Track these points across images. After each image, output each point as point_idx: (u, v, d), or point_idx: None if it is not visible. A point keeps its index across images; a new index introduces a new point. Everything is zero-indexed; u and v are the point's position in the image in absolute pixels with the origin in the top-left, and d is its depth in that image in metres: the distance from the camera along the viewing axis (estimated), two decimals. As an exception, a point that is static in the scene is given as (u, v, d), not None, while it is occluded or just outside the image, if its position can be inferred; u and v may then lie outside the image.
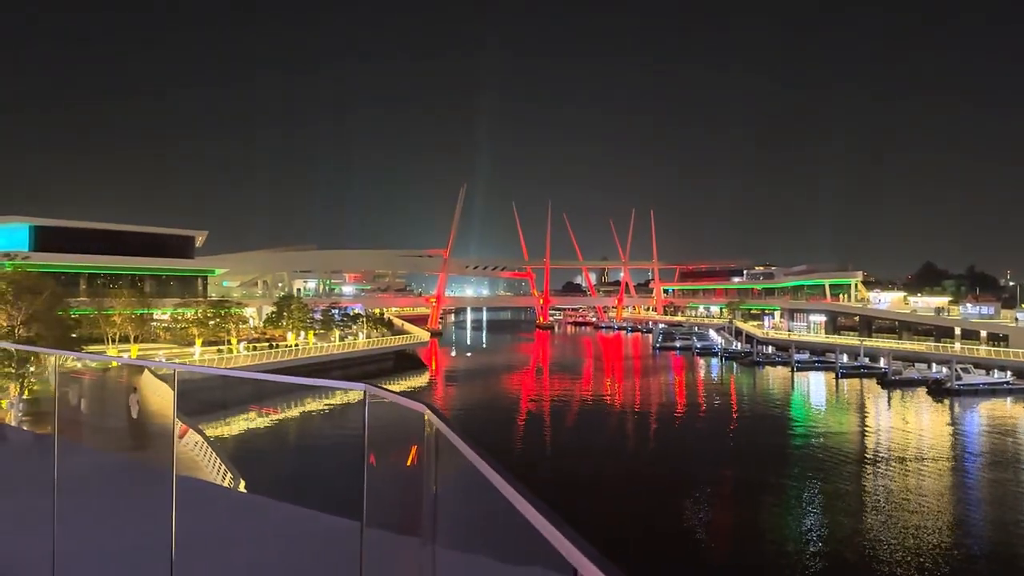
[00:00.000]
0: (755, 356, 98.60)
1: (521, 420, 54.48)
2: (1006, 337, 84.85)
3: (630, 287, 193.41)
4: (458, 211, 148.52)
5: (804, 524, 29.03)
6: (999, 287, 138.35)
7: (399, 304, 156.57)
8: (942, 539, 26.90)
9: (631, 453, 43.56)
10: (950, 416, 57.57)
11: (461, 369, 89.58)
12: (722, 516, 30.22)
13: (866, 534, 27.44)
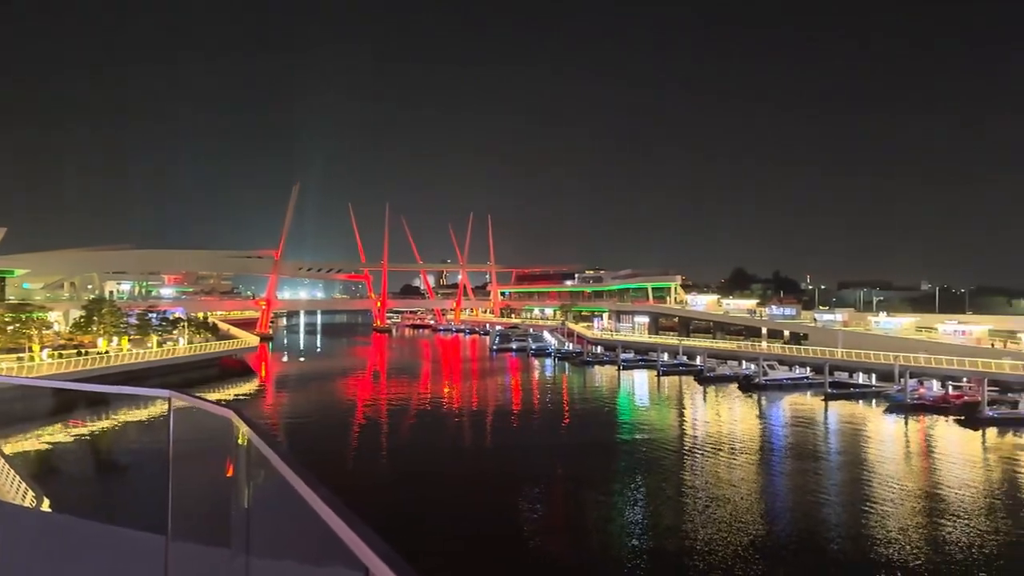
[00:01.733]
0: (585, 356, 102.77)
1: (357, 425, 53.45)
2: (806, 336, 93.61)
3: (468, 290, 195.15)
4: (290, 210, 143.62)
5: (629, 516, 30.46)
6: (800, 290, 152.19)
7: (225, 307, 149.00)
8: (752, 524, 29.12)
9: (468, 452, 43.92)
10: (758, 409, 62.58)
11: (294, 375, 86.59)
12: (553, 511, 31.10)
13: (686, 523, 29.22)
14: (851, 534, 28.09)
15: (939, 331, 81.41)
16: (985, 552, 26.11)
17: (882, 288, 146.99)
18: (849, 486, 35.86)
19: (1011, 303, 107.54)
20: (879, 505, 32.08)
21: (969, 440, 48.97)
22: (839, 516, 30.79)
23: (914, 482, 36.89)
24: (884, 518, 30.10)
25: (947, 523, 29.57)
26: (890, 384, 67.34)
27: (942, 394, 62.61)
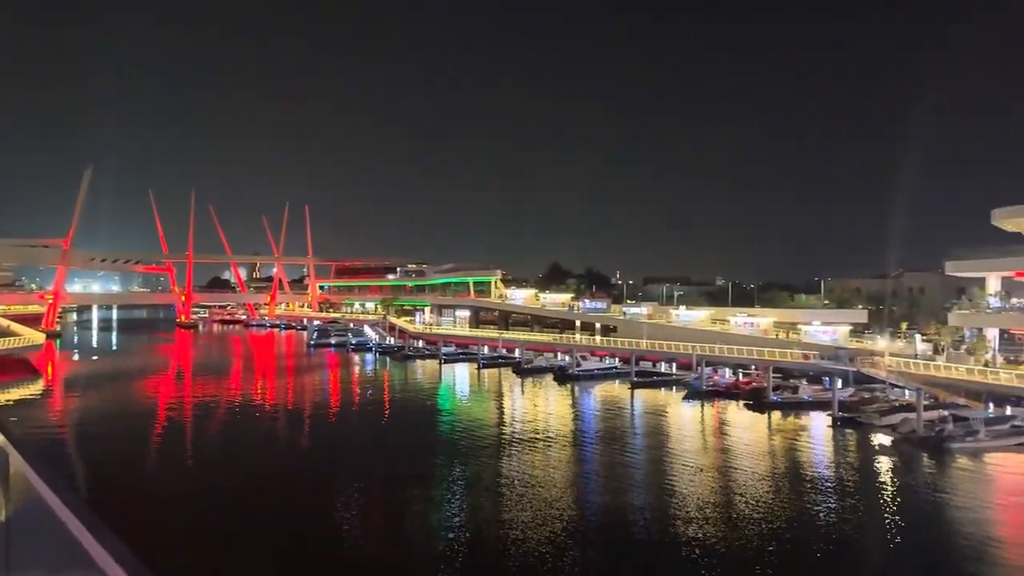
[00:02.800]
0: (407, 351, 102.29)
1: (159, 428, 49.75)
2: (615, 328, 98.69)
3: (284, 283, 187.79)
4: (81, 196, 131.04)
5: (448, 510, 30.57)
6: (611, 285, 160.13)
7: (5, 302, 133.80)
8: (566, 508, 30.21)
9: (282, 452, 42.21)
10: (572, 398, 65.16)
11: (85, 375, 79.13)
12: (371, 509, 30.58)
13: (504, 512, 29.78)
14: (655, 513, 29.90)
15: (731, 323, 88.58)
16: (770, 521, 28.73)
17: (683, 283, 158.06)
18: (653, 468, 38.20)
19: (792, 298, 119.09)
20: (679, 484, 34.41)
21: (756, 422, 53.73)
22: (644, 496, 32.68)
23: (709, 462, 39.92)
24: (684, 496, 32.32)
25: (738, 497, 32.25)
26: (689, 372, 72.50)
27: (733, 381, 68.35)
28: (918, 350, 69.80)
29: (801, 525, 28.79)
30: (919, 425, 45.22)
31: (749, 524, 28.45)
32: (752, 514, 29.79)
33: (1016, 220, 60.73)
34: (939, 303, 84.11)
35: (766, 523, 28.67)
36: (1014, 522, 31.44)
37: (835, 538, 27.64)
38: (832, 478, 37.33)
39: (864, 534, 28.33)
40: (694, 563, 24.25)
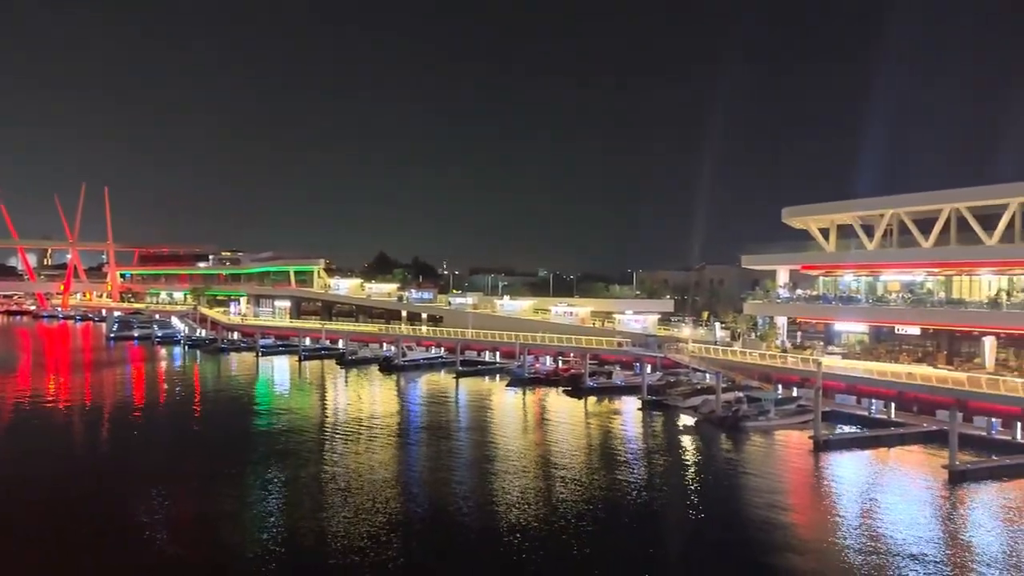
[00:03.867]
0: (221, 343, 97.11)
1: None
2: (442, 318, 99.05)
3: (79, 271, 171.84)
4: None
5: (262, 508, 29.29)
6: (437, 275, 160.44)
7: None
8: (391, 501, 29.88)
9: (78, 455, 38.59)
10: (397, 389, 64.67)
11: None
12: (176, 511, 28.67)
13: (325, 509, 28.96)
14: (479, 501, 30.29)
15: (552, 313, 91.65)
16: (587, 501, 29.98)
17: (507, 274, 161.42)
18: (477, 456, 38.71)
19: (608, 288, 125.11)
20: (502, 471, 35.10)
21: (574, 407, 55.95)
22: (469, 485, 33.03)
23: (530, 446, 41.06)
24: (506, 482, 33.00)
25: (557, 480, 33.38)
26: (512, 361, 74.23)
27: (553, 368, 70.78)
28: (718, 337, 75.56)
29: (615, 503, 30.28)
30: (718, 406, 49.01)
31: (567, 506, 29.53)
32: (570, 496, 30.95)
33: (802, 218, 67.21)
34: (736, 293, 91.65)
35: (583, 504, 29.89)
36: (794, 489, 34.92)
37: (645, 513, 29.34)
38: (642, 457, 39.62)
39: (671, 507, 30.26)
40: (516, 548, 24.81)
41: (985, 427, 41.18)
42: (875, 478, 36.77)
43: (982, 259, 53.65)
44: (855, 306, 63.25)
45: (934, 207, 56.16)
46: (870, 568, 23.42)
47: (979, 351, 53.28)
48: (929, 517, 29.92)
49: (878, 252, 61.19)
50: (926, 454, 39.85)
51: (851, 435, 43.77)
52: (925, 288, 59.84)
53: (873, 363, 57.52)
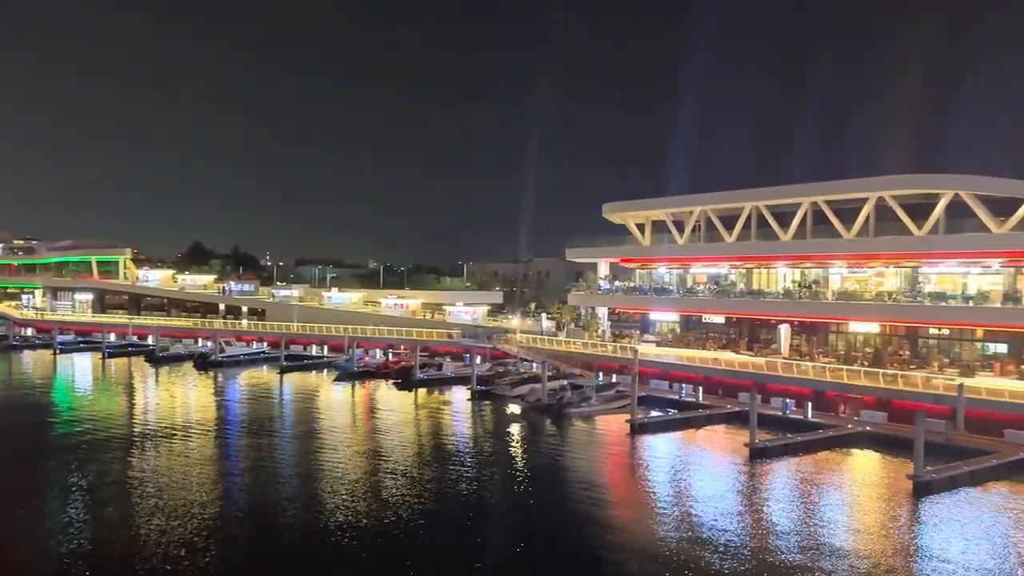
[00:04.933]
0: (12, 340, 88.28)
1: None
2: (264, 311, 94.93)
3: None
4: None
5: (63, 520, 26.70)
6: (260, 267, 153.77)
7: None
8: (208, 505, 28.21)
9: None
10: (214, 386, 61.30)
11: None
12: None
13: (134, 517, 26.86)
14: (305, 501, 29.29)
15: (383, 305, 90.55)
16: (418, 495, 29.85)
17: (335, 265, 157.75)
18: (303, 454, 37.48)
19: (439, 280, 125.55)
20: (330, 468, 34.20)
21: (404, 400, 55.62)
22: (294, 485, 31.90)
23: (359, 441, 40.35)
24: (334, 480, 32.17)
25: (388, 476, 33.00)
26: (341, 355, 72.61)
27: (383, 361, 69.98)
28: (544, 327, 77.99)
29: (446, 494, 30.38)
30: (544, 394, 50.56)
31: (398, 500, 29.25)
32: (401, 490, 30.69)
33: (621, 214, 70.71)
34: (561, 285, 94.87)
35: (414, 497, 29.74)
36: (613, 470, 36.77)
37: (476, 502, 29.67)
38: (472, 447, 40.12)
39: (500, 495, 30.82)
40: (345, 547, 24.23)
41: (781, 407, 45.25)
42: (685, 456, 39.46)
43: (778, 253, 58.88)
44: (668, 297, 67.49)
45: (737, 205, 60.92)
46: (682, 538, 25.05)
47: (776, 338, 58.55)
48: (732, 490, 32.53)
49: (688, 247, 65.52)
50: (729, 433, 43.23)
51: (664, 418, 46.64)
52: (729, 280, 64.88)
53: (683, 350, 61.73)
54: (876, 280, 56.21)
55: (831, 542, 25.32)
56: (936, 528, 27.42)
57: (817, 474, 34.80)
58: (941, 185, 48.70)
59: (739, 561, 23.13)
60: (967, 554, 24.26)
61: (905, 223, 50.17)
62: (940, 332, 51.92)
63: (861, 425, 42.02)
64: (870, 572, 22.59)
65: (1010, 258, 47.25)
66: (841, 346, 56.24)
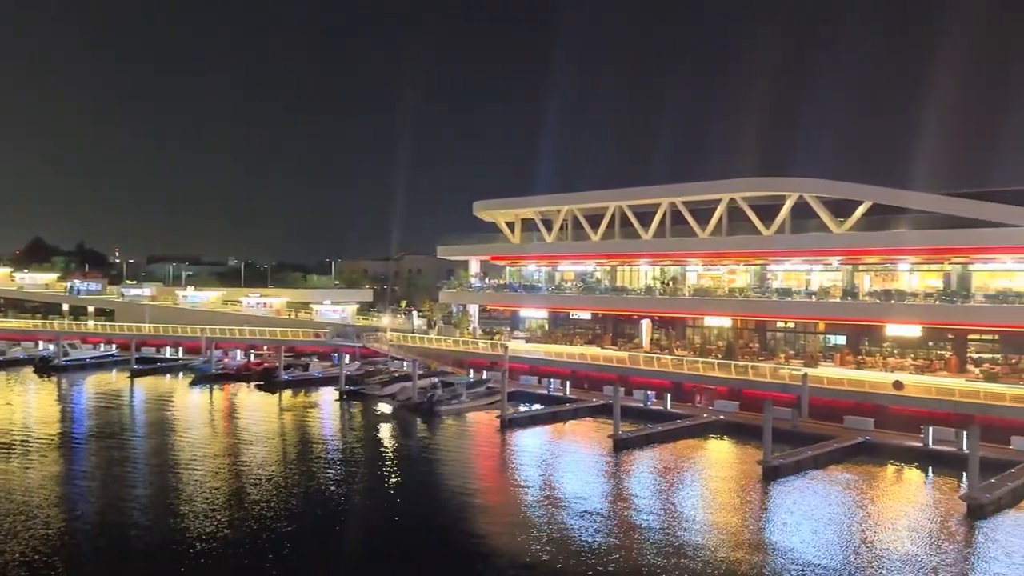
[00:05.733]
0: None
1: None
2: (113, 312, 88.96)
3: None
4: None
5: None
6: (108, 264, 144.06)
7: None
8: (50, 520, 26.09)
9: None
10: (57, 393, 56.96)
11: None
12: None
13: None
14: (159, 512, 27.59)
15: (244, 304, 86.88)
16: (283, 500, 28.82)
17: (192, 263, 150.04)
18: (156, 462, 35.35)
19: (306, 278, 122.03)
20: (187, 476, 32.45)
21: (268, 402, 53.69)
22: (148, 494, 30.02)
23: (219, 447, 38.59)
24: (192, 488, 30.56)
25: (250, 481, 31.65)
26: (198, 356, 69.15)
27: (245, 363, 67.23)
28: (415, 325, 77.44)
29: (314, 498, 29.55)
30: (415, 392, 50.19)
31: (263, 507, 28.12)
32: (266, 496, 29.54)
33: (492, 212, 71.19)
34: (433, 283, 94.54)
35: (281, 502, 28.71)
36: (484, 465, 37.06)
37: (345, 504, 29.02)
38: (341, 448, 39.27)
39: (369, 495, 30.26)
40: (205, 560, 23.04)
41: (643, 399, 47.05)
42: (553, 449, 40.32)
43: (640, 252, 61.15)
44: (537, 294, 68.68)
45: (602, 205, 62.77)
46: (552, 525, 25.54)
47: (638, 333, 60.82)
48: (597, 479, 33.62)
49: (556, 245, 66.89)
50: (595, 425, 44.53)
51: (533, 412, 47.43)
52: (595, 277, 66.80)
53: (552, 346, 63.00)
54: (729, 277, 59.56)
55: (689, 524, 26.58)
56: (783, 509, 29.34)
57: (675, 462, 36.44)
58: (787, 188, 52.11)
59: (605, 546, 23.83)
60: (811, 531, 26.12)
61: (755, 223, 53.37)
62: (786, 326, 55.64)
63: (715, 414, 44.38)
64: (723, 549, 23.87)
65: (848, 256, 51.23)
66: (697, 340, 59.15)
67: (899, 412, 39.65)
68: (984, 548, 24.72)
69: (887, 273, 51.49)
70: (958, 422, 35.93)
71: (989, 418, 35.64)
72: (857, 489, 31.87)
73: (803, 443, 36.71)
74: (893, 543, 24.99)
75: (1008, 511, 27.97)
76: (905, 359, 48.22)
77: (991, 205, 43.43)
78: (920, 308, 46.94)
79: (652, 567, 22.27)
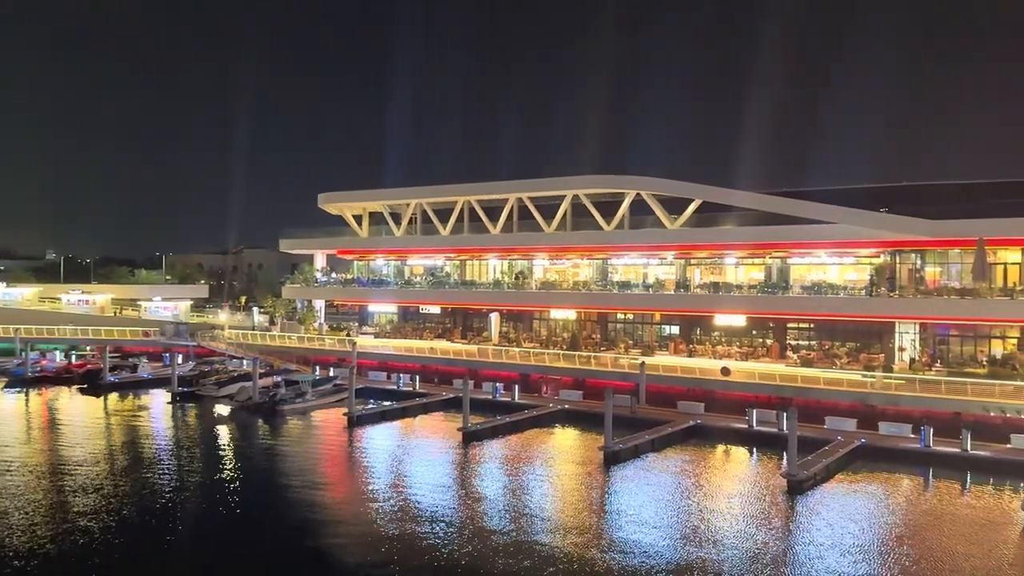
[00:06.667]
0: None
1: None
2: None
3: None
4: None
5: None
6: None
7: None
8: None
9: None
10: None
11: None
12: None
13: None
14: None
15: (64, 301, 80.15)
16: (111, 506, 26.77)
17: (5, 257, 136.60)
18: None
19: (133, 273, 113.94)
20: (2, 489, 29.48)
21: (92, 406, 49.78)
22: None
23: (36, 457, 35.29)
24: (7, 503, 27.73)
25: (74, 490, 29.13)
26: (10, 359, 63.05)
27: (65, 364, 61.97)
28: (256, 322, 74.37)
29: (145, 507, 27.60)
30: (255, 392, 48.15)
31: (88, 519, 25.90)
32: (91, 507, 27.25)
33: (337, 204, 69.48)
34: (275, 278, 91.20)
35: (107, 513, 26.58)
36: (331, 464, 36.20)
37: (181, 512, 27.32)
38: (174, 454, 37.00)
39: (210, 501, 28.67)
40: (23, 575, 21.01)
41: (492, 391, 47.65)
42: (403, 444, 40.05)
43: (488, 246, 61.83)
44: (386, 288, 67.85)
45: (451, 199, 62.92)
46: (401, 521, 25.33)
47: (487, 326, 61.54)
48: (447, 472, 33.71)
49: (405, 238, 66.39)
50: (445, 419, 44.62)
51: (382, 408, 46.78)
52: (444, 271, 66.87)
53: (401, 341, 62.55)
54: (573, 271, 61.53)
55: (536, 511, 27.25)
56: (623, 490, 30.75)
57: (523, 451, 37.22)
58: (625, 186, 54.46)
59: (455, 538, 23.93)
60: (648, 510, 27.50)
61: (597, 219, 55.40)
62: (626, 317, 58.20)
63: (561, 404, 45.73)
64: (567, 531, 24.65)
65: (681, 251, 54.25)
66: (544, 332, 60.68)
67: (726, 396, 42.56)
68: (802, 520, 26.98)
69: (715, 267, 55.04)
70: (779, 404, 39.08)
71: (806, 400, 39.03)
72: (690, 470, 33.88)
73: (641, 428, 38.57)
74: (724, 519, 26.76)
75: (823, 485, 30.66)
76: (732, 347, 51.77)
77: (807, 203, 47.44)
78: (745, 299, 50.60)
79: (501, 556, 22.61)
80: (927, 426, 34.58)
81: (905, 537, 24.90)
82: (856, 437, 35.88)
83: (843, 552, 23.13)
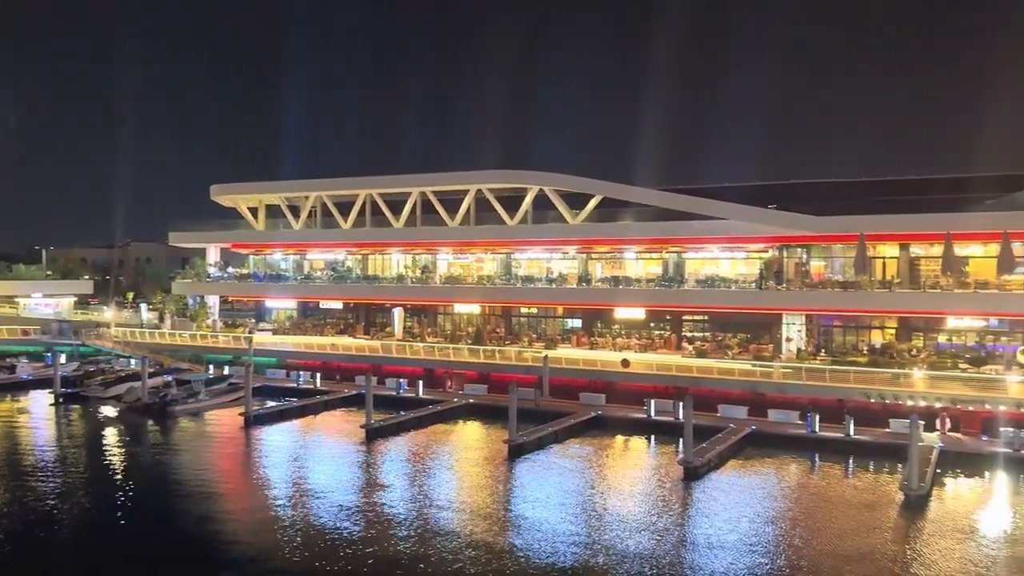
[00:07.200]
0: None
1: None
2: None
3: None
4: None
5: None
6: None
7: None
8: None
9: None
10: None
11: None
12: None
13: None
14: None
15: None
16: None
17: None
18: None
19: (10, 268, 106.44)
20: None
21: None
22: None
23: None
24: None
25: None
26: None
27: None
28: (144, 319, 70.96)
29: (27, 517, 25.82)
30: (144, 393, 45.90)
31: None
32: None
33: (231, 196, 66.95)
34: (165, 273, 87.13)
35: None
36: (226, 466, 34.96)
37: (65, 519, 25.79)
38: (57, 459, 34.81)
39: (95, 507, 27.20)
40: None
41: (395, 387, 47.10)
42: (303, 443, 39.10)
43: (392, 240, 61.07)
44: (284, 283, 65.99)
45: (352, 192, 61.78)
46: (303, 522, 24.71)
47: (390, 321, 60.79)
48: (349, 470, 33.21)
49: (304, 232, 64.73)
50: (347, 416, 43.84)
51: (280, 407, 45.46)
52: (346, 266, 65.60)
53: (301, 337, 61.00)
54: (477, 265, 61.52)
55: (442, 506, 27.16)
56: (528, 482, 31.08)
57: (427, 446, 37.02)
58: (528, 181, 54.87)
59: (360, 537, 23.56)
60: (552, 499, 27.91)
61: (500, 214, 55.61)
62: (529, 311, 58.69)
63: (465, 398, 45.69)
64: (475, 527, 24.69)
65: (583, 245, 55.12)
66: (448, 326, 60.46)
67: (626, 387, 43.60)
68: (699, 504, 27.95)
69: (616, 261, 56.19)
70: (675, 394, 40.28)
71: (700, 389, 40.34)
72: (592, 460, 34.56)
73: (545, 420, 39.01)
74: (626, 505, 27.46)
75: (717, 471, 31.87)
76: (631, 339, 53.04)
77: (702, 200, 49.11)
78: (643, 292, 51.94)
79: (408, 554, 22.41)
80: (813, 413, 36.45)
81: (796, 518, 26.22)
82: (747, 424, 37.47)
83: (739, 534, 24.12)
